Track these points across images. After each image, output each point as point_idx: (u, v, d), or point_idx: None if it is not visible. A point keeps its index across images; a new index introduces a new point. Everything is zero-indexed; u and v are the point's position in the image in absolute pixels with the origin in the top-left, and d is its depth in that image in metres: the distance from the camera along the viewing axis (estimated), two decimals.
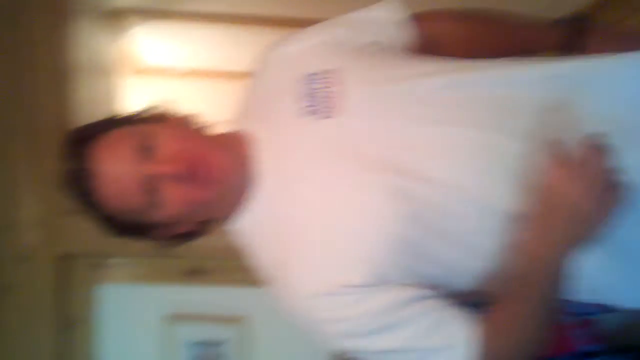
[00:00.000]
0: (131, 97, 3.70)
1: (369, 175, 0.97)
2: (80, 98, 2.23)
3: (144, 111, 1.13)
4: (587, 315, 2.29)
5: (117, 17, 3.20)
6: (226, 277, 2.10)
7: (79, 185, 1.01)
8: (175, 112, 1.14)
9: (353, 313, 0.95)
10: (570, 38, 1.14)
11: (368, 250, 0.95)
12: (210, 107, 1.20)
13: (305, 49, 1.12)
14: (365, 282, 0.94)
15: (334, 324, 0.97)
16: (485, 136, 0.96)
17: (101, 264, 2.05)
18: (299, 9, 3.16)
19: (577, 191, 0.90)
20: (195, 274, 2.08)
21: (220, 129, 1.17)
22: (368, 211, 0.95)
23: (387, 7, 1.18)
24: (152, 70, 4.21)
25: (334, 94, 1.02)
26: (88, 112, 2.34)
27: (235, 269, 2.05)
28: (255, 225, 1.07)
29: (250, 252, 1.09)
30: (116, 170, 1.00)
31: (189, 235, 1.14)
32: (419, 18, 1.18)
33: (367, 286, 0.94)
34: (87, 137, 1.04)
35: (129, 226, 1.06)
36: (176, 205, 1.01)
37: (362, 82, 1.03)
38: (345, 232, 0.96)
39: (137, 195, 1.00)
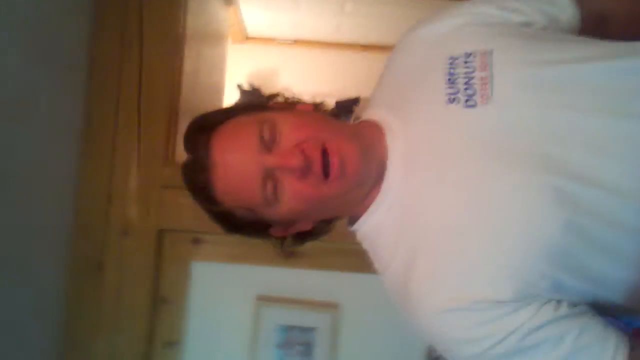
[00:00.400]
0: (237, 66, 3.70)
1: (525, 175, 0.84)
2: (188, 68, 2.19)
3: (267, 98, 1.08)
4: None
5: None
6: (323, 261, 2.02)
7: (198, 176, 0.97)
8: (301, 99, 1.07)
9: (490, 332, 0.84)
10: None
11: (517, 262, 0.83)
12: (315, 78, 1.12)
13: (449, 30, 1.01)
14: (508, 298, 0.83)
15: (466, 345, 0.87)
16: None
17: (197, 241, 2.02)
18: None
19: None
20: (291, 256, 2.02)
21: (346, 102, 1.09)
22: (524, 217, 0.83)
23: None
24: (257, 39, 4.20)
25: (480, 79, 0.91)
26: (195, 82, 2.33)
27: (333, 252, 2.00)
28: (382, 227, 0.97)
29: (374, 257, 1.01)
30: (236, 161, 0.94)
31: (307, 235, 1.08)
32: None
33: (509, 302, 0.83)
34: (209, 126, 0.99)
35: (245, 222, 1.01)
36: (297, 201, 0.94)
37: (512, 66, 0.90)
38: (491, 241, 0.85)
39: (257, 188, 0.94)
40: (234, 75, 3.58)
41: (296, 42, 4.23)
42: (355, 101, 3.96)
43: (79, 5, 1.91)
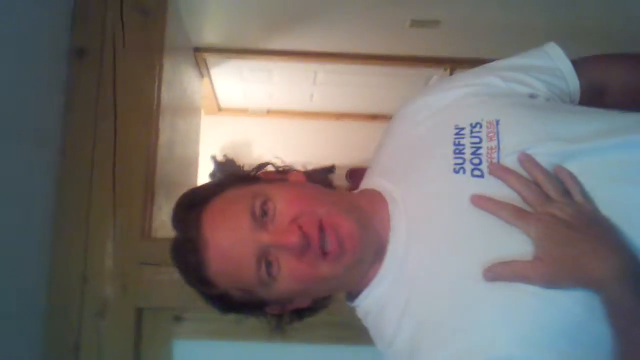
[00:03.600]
0: (211, 137, 3.68)
1: None
2: (163, 141, 2.16)
3: (257, 168, 1.05)
4: None
5: (200, 56, 3.19)
6: (309, 335, 1.95)
7: (189, 256, 0.93)
8: (292, 167, 1.05)
9: None
10: None
11: (531, 336, 0.78)
12: (290, 147, 1.09)
13: (454, 100, 0.99)
14: (512, 356, 0.78)
15: None
16: None
17: (178, 318, 1.94)
18: (381, 46, 3.10)
19: (552, 209, 0.83)
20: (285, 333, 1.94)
21: (321, 171, 1.07)
22: (537, 294, 0.80)
23: (544, 53, 1.05)
24: (230, 110, 4.20)
25: (487, 149, 0.89)
26: (170, 154, 2.29)
27: (319, 325, 1.93)
28: (385, 301, 0.93)
29: (375, 333, 0.95)
30: (229, 240, 0.90)
31: (305, 312, 1.04)
32: (580, 62, 1.04)
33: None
34: (198, 202, 0.96)
35: (240, 303, 0.96)
36: (294, 281, 0.90)
37: (519, 136, 0.89)
38: (505, 314, 0.81)
39: (251, 268, 0.89)
40: (208, 146, 3.55)
41: (269, 112, 4.24)
42: (330, 169, 3.95)
43: (52, 80, 1.87)
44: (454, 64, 3.06)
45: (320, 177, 1.06)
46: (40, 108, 1.80)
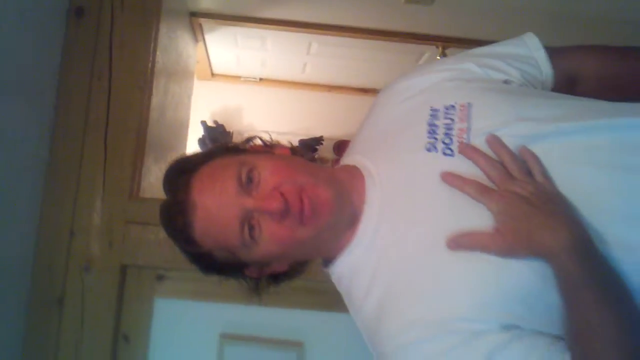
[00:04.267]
0: (203, 102, 3.71)
1: None
2: (156, 103, 2.19)
3: (246, 141, 1.10)
4: None
5: (196, 21, 3.20)
6: (287, 299, 2.01)
7: (177, 217, 0.99)
8: (279, 142, 1.11)
9: (461, 356, 0.86)
10: None
11: (489, 297, 0.86)
12: (280, 116, 1.15)
13: (432, 84, 1.06)
14: (480, 327, 0.85)
15: None
16: (630, 179, 0.88)
17: (161, 277, 1.99)
18: (375, 21, 3.13)
19: (514, 186, 0.89)
20: (262, 297, 2.01)
21: (310, 141, 1.13)
22: (496, 262, 0.87)
23: (522, 42, 1.12)
24: (223, 77, 4.22)
25: (458, 130, 0.96)
26: (161, 117, 2.32)
27: (298, 290, 1.99)
28: (357, 268, 0.99)
29: (348, 298, 1.02)
30: (215, 203, 0.96)
31: (281, 276, 1.11)
32: (556, 52, 1.11)
33: (480, 330, 0.85)
34: (188, 168, 1.02)
35: (221, 263, 1.03)
36: (274, 243, 0.96)
37: (488, 119, 0.96)
38: (465, 277, 0.88)
39: (235, 230, 0.96)
40: (200, 111, 3.58)
41: (262, 80, 4.26)
42: (318, 140, 3.99)
43: (50, 38, 1.91)
44: (447, 42, 3.08)
45: (304, 152, 1.11)
46: (37, 64, 1.84)
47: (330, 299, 1.07)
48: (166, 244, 1.82)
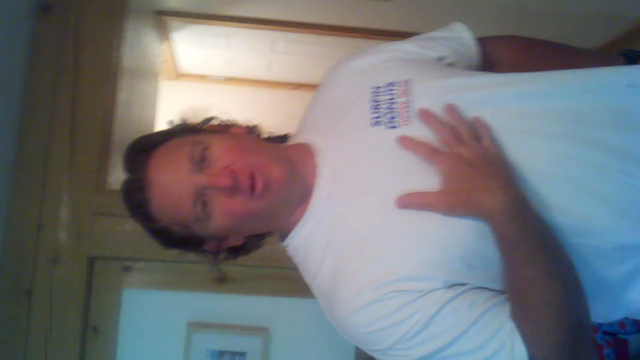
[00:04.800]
0: (169, 102, 3.73)
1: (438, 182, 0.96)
2: (121, 99, 2.23)
3: (203, 121, 1.15)
4: (618, 334, 2.29)
5: (162, 20, 3.23)
6: (252, 286, 2.08)
7: (135, 195, 1.04)
8: (235, 122, 1.16)
9: (411, 312, 0.93)
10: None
11: (433, 256, 0.93)
12: (247, 115, 1.20)
13: (374, 64, 1.14)
14: (426, 286, 0.93)
15: (392, 329, 0.94)
16: (560, 145, 0.96)
17: (128, 269, 2.04)
18: (336, 17, 3.20)
19: (461, 149, 0.96)
20: (221, 282, 2.06)
21: (275, 139, 1.18)
22: (441, 219, 0.94)
23: (454, 28, 1.22)
24: (189, 76, 4.25)
25: (400, 104, 1.02)
26: (127, 114, 2.36)
27: (261, 277, 2.06)
28: (311, 239, 1.06)
29: (303, 269, 1.08)
30: (169, 180, 1.02)
31: (239, 250, 1.15)
32: (483, 39, 1.21)
33: (427, 288, 0.93)
34: (146, 148, 1.07)
35: (179, 238, 1.07)
36: (226, 217, 1.02)
37: (428, 93, 1.03)
38: (411, 239, 0.95)
39: (188, 205, 1.01)
40: (166, 111, 3.61)
41: (229, 79, 4.30)
42: (284, 138, 4.02)
43: (16, 34, 1.95)
44: (406, 37, 3.16)
45: (259, 131, 1.17)
46: (4, 60, 1.88)
47: (294, 286, 1.12)
48: (133, 235, 1.90)
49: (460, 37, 1.20)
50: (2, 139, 1.90)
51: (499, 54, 1.23)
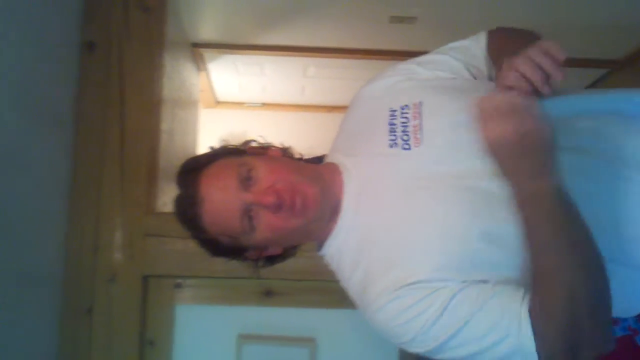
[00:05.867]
0: (209, 129, 3.87)
1: (446, 196, 1.06)
2: (165, 128, 2.38)
3: (244, 143, 1.27)
4: None
5: (198, 51, 3.38)
6: (298, 299, 2.17)
7: (188, 209, 1.15)
8: (272, 145, 1.28)
9: (418, 311, 1.03)
10: None
11: (442, 259, 1.03)
12: (283, 138, 1.32)
13: (387, 87, 1.24)
14: (435, 278, 1.02)
15: (415, 319, 1.03)
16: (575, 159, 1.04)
17: (179, 285, 2.16)
18: (363, 41, 3.32)
19: (507, 127, 0.97)
20: (268, 295, 2.16)
21: (312, 160, 1.29)
22: (446, 227, 1.04)
23: (474, 37, 1.32)
24: (227, 104, 4.39)
25: (413, 126, 1.12)
26: (170, 142, 2.50)
27: (307, 290, 2.16)
28: (343, 248, 1.17)
29: (339, 274, 1.19)
30: (220, 197, 1.13)
31: (276, 258, 1.27)
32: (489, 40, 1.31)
33: (436, 281, 1.02)
34: (196, 168, 1.18)
35: (226, 247, 1.19)
36: (268, 230, 1.13)
37: (437, 115, 1.12)
38: (423, 244, 1.05)
39: (236, 220, 1.12)
40: (207, 138, 3.75)
41: (264, 105, 4.44)
42: (320, 159, 4.12)
43: (66, 69, 2.10)
44: None
45: (292, 153, 1.29)
46: (57, 95, 2.03)
47: (339, 297, 1.22)
48: (182, 254, 2.02)
49: (474, 45, 1.29)
50: (58, 169, 2.05)
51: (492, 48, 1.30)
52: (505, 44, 1.24)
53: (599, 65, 3.56)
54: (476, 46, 1.29)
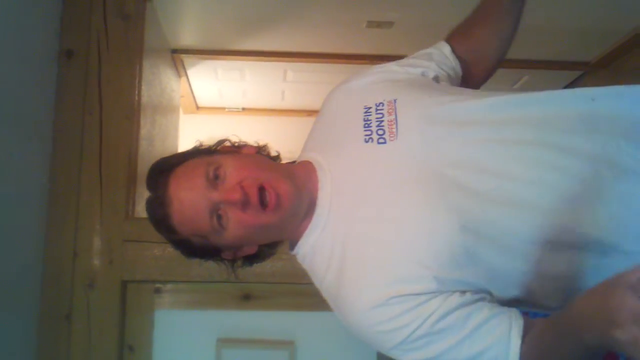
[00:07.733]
0: (190, 134, 3.88)
1: (426, 192, 1.06)
2: (144, 134, 2.39)
3: (216, 143, 1.27)
4: None
5: (177, 57, 3.39)
6: (276, 302, 2.20)
7: (158, 210, 1.15)
8: (246, 144, 1.27)
9: (409, 320, 1.02)
10: None
11: (428, 262, 1.02)
12: (262, 141, 1.32)
13: (363, 86, 1.25)
14: (421, 291, 1.02)
15: (392, 333, 1.03)
16: (532, 151, 1.04)
17: (158, 290, 2.18)
18: (341, 46, 3.36)
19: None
20: (246, 299, 2.18)
21: (285, 158, 1.30)
22: (428, 225, 1.04)
23: (437, 45, 1.36)
24: (208, 109, 4.41)
25: (388, 122, 1.13)
26: (150, 148, 2.52)
27: (285, 293, 2.18)
28: (316, 246, 1.16)
29: (312, 274, 1.19)
30: (188, 197, 1.13)
31: (253, 258, 1.26)
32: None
33: (422, 294, 1.02)
34: (166, 168, 1.18)
35: (198, 248, 1.19)
36: (238, 228, 1.12)
37: (411, 109, 1.13)
38: (406, 247, 1.04)
39: (205, 219, 1.12)
40: (188, 143, 3.76)
41: (245, 109, 4.46)
42: (293, 162, 4.13)
43: (45, 76, 2.12)
44: None
45: (268, 150, 1.29)
46: (34, 103, 2.04)
47: (317, 300, 1.19)
48: (161, 259, 2.04)
49: (440, 49, 1.33)
50: (37, 175, 2.06)
51: (468, 70, 1.36)
52: None
53: (573, 68, 3.64)
54: (442, 50, 1.33)
